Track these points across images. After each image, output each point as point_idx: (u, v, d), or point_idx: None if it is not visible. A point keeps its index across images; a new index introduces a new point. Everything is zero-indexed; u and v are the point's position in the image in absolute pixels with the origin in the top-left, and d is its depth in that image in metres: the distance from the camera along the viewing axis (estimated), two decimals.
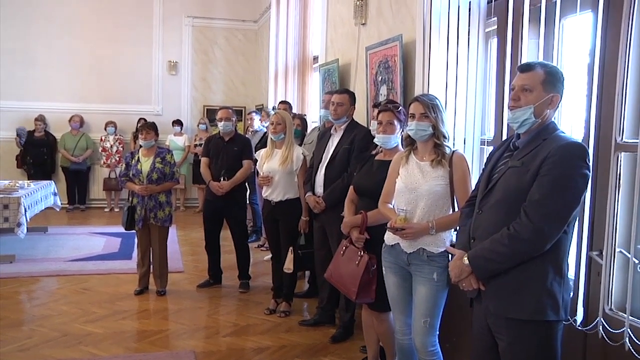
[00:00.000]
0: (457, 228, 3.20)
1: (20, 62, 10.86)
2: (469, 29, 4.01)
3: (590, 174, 2.39)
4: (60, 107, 11.06)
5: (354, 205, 3.97)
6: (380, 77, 5.33)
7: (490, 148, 3.70)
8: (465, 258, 2.55)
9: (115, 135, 11.05)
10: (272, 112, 6.17)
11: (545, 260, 2.40)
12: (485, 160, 2.88)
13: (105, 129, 11.00)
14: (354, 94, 4.93)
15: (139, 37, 11.45)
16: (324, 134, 5.03)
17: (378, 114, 3.74)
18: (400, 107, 3.69)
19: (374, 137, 4.24)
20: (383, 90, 5.28)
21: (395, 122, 3.68)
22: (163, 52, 11.64)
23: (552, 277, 2.41)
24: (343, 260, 3.79)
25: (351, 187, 4.04)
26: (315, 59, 7.58)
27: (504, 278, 2.46)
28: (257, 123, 8.32)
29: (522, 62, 3.25)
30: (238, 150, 6.00)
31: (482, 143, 3.96)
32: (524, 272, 2.42)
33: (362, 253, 3.66)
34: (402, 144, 3.67)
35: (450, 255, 3.12)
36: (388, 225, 3.29)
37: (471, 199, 2.80)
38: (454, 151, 3.28)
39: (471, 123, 3.98)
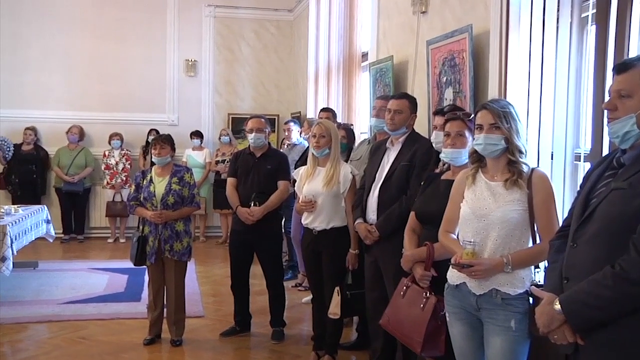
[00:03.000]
0: (540, 265, 3.17)
1: (8, 64, 11.07)
2: (558, 15, 3.98)
3: None
4: (55, 117, 11.23)
5: (416, 235, 3.98)
6: (444, 78, 5.33)
7: (587, 165, 3.66)
8: (557, 303, 2.50)
9: (122, 150, 11.18)
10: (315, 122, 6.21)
11: None
12: (580, 181, 2.84)
13: (109, 143, 11.14)
14: (415, 99, 4.94)
15: (149, 32, 11.64)
16: (378, 148, 5.04)
17: (445, 123, 3.76)
18: (473, 115, 3.67)
19: (437, 152, 4.24)
20: (448, 93, 5.28)
21: (467, 133, 3.70)
22: (179, 49, 11.81)
23: None
24: (404, 303, 3.78)
25: (412, 213, 4.05)
26: (365, 56, 7.61)
27: (610, 330, 2.39)
28: (296, 135, 8.35)
29: (626, 58, 3.20)
30: (272, 168, 6.02)
31: (577, 159, 3.92)
32: (636, 323, 2.34)
33: (427, 294, 3.66)
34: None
35: (531, 298, 3.10)
36: (452, 260, 3.28)
37: (563, 229, 2.77)
38: (533, 169, 3.26)
39: (562, 134, 3.94)
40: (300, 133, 8.31)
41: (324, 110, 7.40)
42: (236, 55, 12.13)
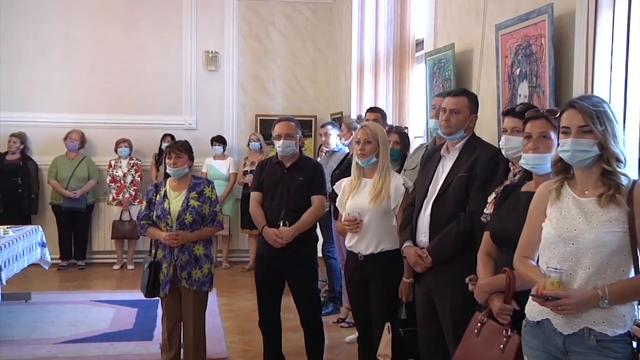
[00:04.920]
0: None
1: None
2: None
3: None
4: (52, 120, 11.31)
5: (492, 260, 3.91)
6: (518, 70, 5.28)
7: None
8: None
9: (130, 159, 11.28)
10: (358, 125, 6.15)
11: None
12: None
13: (115, 151, 11.22)
14: (475, 96, 4.91)
15: (162, 19, 11.72)
16: (431, 157, 5.02)
17: (526, 122, 3.71)
18: (559, 114, 3.60)
19: (507, 161, 4.18)
20: (522, 89, 5.23)
21: (552, 135, 3.63)
22: (197, 39, 11.87)
23: None
24: (479, 344, 3.73)
25: (487, 234, 3.98)
26: (420, 44, 7.59)
27: None
28: (335, 140, 8.37)
29: None
30: (304, 180, 6.01)
31: None
32: None
33: (509, 332, 3.59)
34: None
35: (635, 342, 3.04)
36: (533, 291, 3.20)
37: None
38: (634, 181, 3.19)
39: None
40: (340, 137, 8.30)
41: (371, 110, 7.36)
42: (265, 46, 12.16)
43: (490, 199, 4.17)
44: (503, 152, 4.21)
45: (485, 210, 4.20)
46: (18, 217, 10.25)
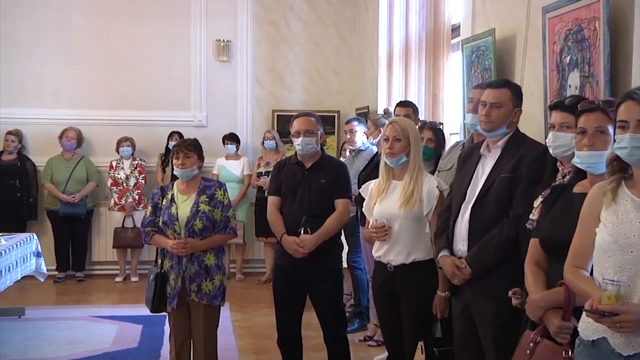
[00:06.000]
0: None
1: None
2: None
3: None
4: (48, 117, 11.35)
5: (542, 271, 3.86)
6: (568, 57, 5.23)
7: None
8: None
9: (133, 159, 11.30)
10: (386, 121, 6.12)
11: None
12: None
13: (117, 151, 11.24)
14: (519, 87, 4.87)
15: (169, 5, 11.74)
16: (469, 156, 4.98)
17: (579, 116, 3.67)
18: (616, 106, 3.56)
19: (554, 160, 4.14)
20: (573, 79, 5.18)
21: (610, 129, 3.57)
22: (207, 26, 11.87)
23: None
24: None
25: (535, 241, 3.92)
26: (456, 30, 7.57)
27: None
28: (361, 138, 8.36)
29: None
30: (327, 182, 5.99)
31: None
32: None
33: (569, 353, 3.51)
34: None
35: None
36: (586, 306, 3.15)
37: None
38: None
39: None
40: (367, 135, 8.27)
41: (401, 104, 7.37)
42: (283, 33, 12.16)
43: (536, 203, 4.11)
44: (550, 151, 4.16)
45: (530, 216, 4.15)
46: (16, 222, 10.32)
